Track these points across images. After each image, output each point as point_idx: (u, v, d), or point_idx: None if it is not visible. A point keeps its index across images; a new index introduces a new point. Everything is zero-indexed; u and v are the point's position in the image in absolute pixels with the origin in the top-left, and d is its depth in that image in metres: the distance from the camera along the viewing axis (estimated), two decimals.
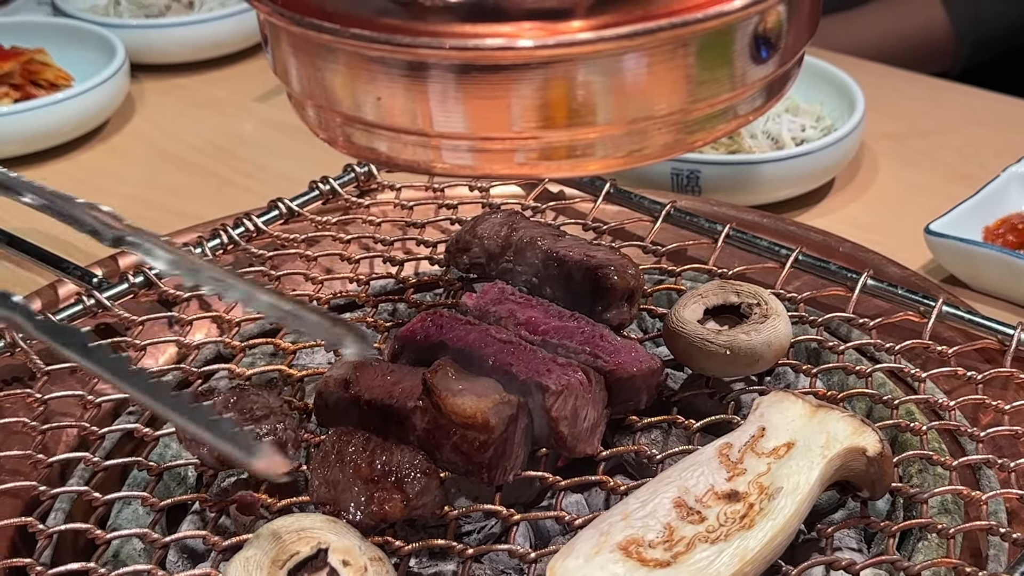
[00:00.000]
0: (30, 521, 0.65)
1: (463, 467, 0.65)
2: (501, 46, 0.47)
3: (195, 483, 0.75)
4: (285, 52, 0.52)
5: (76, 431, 0.74)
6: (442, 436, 0.64)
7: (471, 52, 0.47)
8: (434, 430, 0.65)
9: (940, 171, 1.17)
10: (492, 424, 0.63)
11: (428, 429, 0.65)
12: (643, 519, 0.59)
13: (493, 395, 0.65)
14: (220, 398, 0.69)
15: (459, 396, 0.64)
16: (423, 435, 0.65)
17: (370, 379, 0.70)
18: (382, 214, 0.95)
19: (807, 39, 0.53)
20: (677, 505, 0.60)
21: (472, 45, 0.47)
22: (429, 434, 0.65)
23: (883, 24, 1.59)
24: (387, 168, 0.96)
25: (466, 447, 0.64)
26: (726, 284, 0.77)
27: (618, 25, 0.46)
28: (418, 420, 0.65)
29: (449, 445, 0.64)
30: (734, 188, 1.05)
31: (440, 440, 0.65)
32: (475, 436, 0.63)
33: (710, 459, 0.63)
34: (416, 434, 0.66)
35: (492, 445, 0.64)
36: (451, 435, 0.64)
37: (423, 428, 0.65)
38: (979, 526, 0.64)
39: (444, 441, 0.64)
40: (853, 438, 0.62)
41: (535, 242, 0.80)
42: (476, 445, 0.64)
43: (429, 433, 0.65)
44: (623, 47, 0.47)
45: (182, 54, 1.40)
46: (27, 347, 0.78)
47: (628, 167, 0.51)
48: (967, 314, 0.79)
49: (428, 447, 0.65)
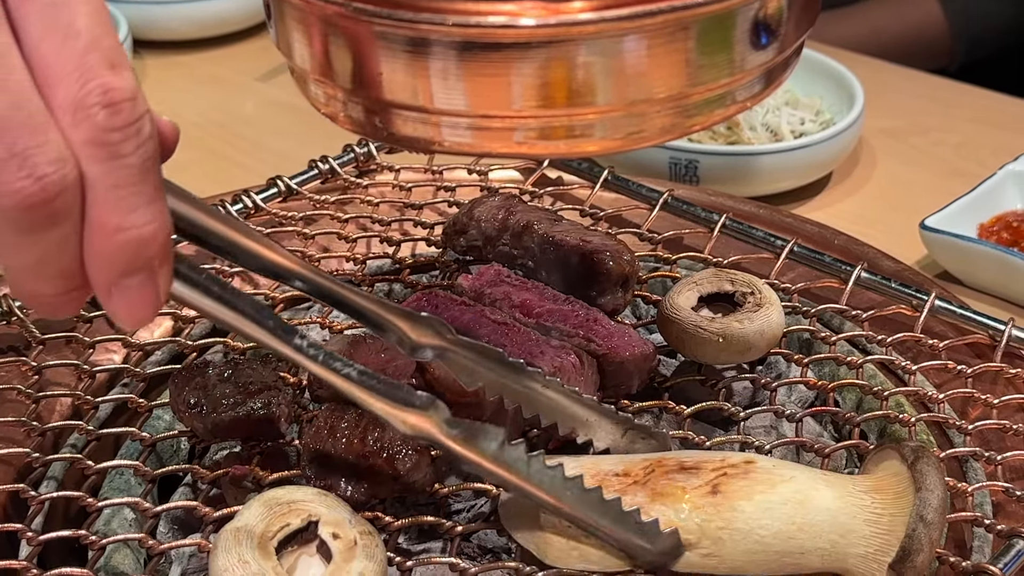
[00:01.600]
0: (22, 488, 0.66)
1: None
2: (503, 24, 0.47)
3: (187, 455, 0.76)
4: (288, 25, 0.53)
5: (70, 400, 0.74)
6: None
7: (473, 29, 0.47)
8: None
9: (937, 168, 1.17)
10: (484, 401, 0.63)
11: None
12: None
13: None
14: (215, 371, 0.69)
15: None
16: None
17: (364, 355, 0.70)
18: (380, 195, 0.95)
19: (807, 28, 0.54)
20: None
21: (474, 22, 0.47)
22: None
23: (880, 20, 1.60)
24: (387, 145, 0.97)
25: None
26: (721, 272, 0.77)
27: (620, 6, 0.47)
28: None
29: None
30: (732, 179, 1.05)
31: None
32: (467, 413, 0.64)
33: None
34: None
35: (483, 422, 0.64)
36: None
37: None
38: (964, 517, 0.64)
39: None
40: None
41: (532, 226, 0.81)
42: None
43: None
44: (624, 28, 0.47)
45: (185, 31, 1.40)
46: (23, 316, 0.78)
47: (626, 149, 0.52)
48: (959, 309, 0.80)
49: None
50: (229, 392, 0.68)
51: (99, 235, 0.44)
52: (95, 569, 0.61)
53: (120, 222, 0.44)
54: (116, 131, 0.43)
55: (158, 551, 0.62)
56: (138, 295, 0.46)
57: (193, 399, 0.68)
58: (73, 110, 0.43)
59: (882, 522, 0.58)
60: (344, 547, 0.57)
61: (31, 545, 0.62)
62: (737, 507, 0.57)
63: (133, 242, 0.45)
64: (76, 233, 0.44)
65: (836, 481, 0.60)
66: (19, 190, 0.42)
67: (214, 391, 0.68)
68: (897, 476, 0.59)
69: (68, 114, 0.43)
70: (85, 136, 0.43)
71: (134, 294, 0.46)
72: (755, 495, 0.58)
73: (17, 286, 0.46)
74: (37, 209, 0.42)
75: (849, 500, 0.58)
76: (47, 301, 0.46)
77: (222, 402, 0.67)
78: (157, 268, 0.46)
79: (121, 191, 0.44)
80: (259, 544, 0.57)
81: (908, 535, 0.56)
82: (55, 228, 0.43)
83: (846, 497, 0.58)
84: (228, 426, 0.67)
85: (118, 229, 0.44)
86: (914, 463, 0.58)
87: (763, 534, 0.57)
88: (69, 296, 0.46)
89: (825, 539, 0.58)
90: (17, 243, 0.44)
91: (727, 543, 0.57)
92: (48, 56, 0.43)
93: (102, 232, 0.44)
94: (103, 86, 0.43)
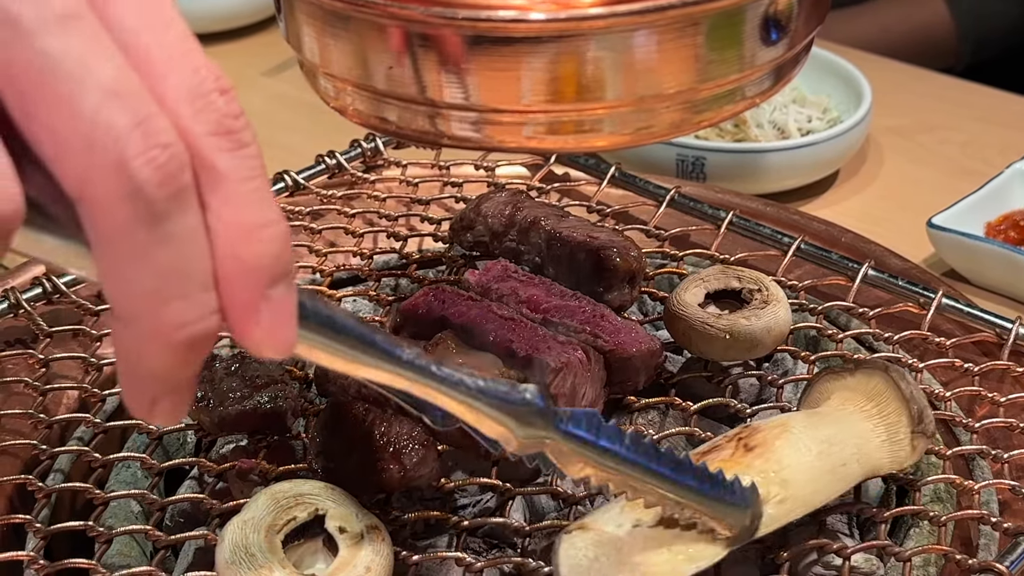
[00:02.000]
0: (29, 479, 0.66)
1: (461, 440, 0.65)
2: (513, 18, 0.47)
3: (194, 448, 0.76)
4: (298, 19, 0.53)
5: (77, 393, 0.75)
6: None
7: (483, 23, 0.47)
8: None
9: (944, 166, 1.17)
10: None
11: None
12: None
13: (492, 370, 0.65)
14: (222, 365, 0.69)
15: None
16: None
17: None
18: (387, 190, 0.95)
19: (817, 24, 0.54)
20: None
21: (484, 16, 0.47)
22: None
23: (887, 19, 1.60)
24: (394, 140, 0.97)
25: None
26: (728, 269, 0.77)
27: (630, 1, 0.47)
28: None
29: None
30: (739, 176, 1.05)
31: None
32: None
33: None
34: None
35: None
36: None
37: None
38: (971, 515, 0.64)
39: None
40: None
41: (539, 222, 0.81)
42: None
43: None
44: (634, 23, 0.47)
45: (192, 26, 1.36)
46: (30, 308, 0.78)
47: (635, 144, 0.52)
48: (966, 307, 0.80)
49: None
50: (236, 386, 0.68)
51: (239, 237, 0.38)
52: (101, 561, 0.61)
53: (261, 217, 0.38)
54: (237, 118, 0.39)
55: (164, 543, 0.62)
56: (288, 307, 0.39)
57: (200, 392, 0.68)
58: (191, 99, 0.38)
59: (873, 413, 0.63)
60: (351, 540, 0.57)
61: (38, 537, 0.62)
62: (776, 449, 0.59)
63: (279, 239, 0.39)
64: (204, 228, 0.38)
65: (816, 411, 0.64)
66: (153, 158, 0.36)
67: (221, 385, 0.68)
68: (847, 386, 0.64)
69: (186, 104, 0.38)
70: (210, 126, 0.38)
71: (284, 307, 0.39)
72: (778, 438, 0.60)
73: (143, 321, 0.37)
74: (170, 182, 0.36)
75: (838, 415, 0.63)
76: (182, 339, 0.37)
77: (229, 396, 0.67)
78: (294, 275, 0.40)
79: (255, 183, 0.39)
80: (266, 537, 0.57)
81: (909, 398, 0.62)
82: (188, 212, 0.37)
83: (834, 414, 0.63)
84: (235, 420, 0.67)
85: (262, 225, 0.38)
86: (857, 365, 0.65)
87: (809, 458, 0.59)
88: (206, 327, 0.38)
89: (851, 444, 0.61)
90: (148, 239, 0.36)
91: (791, 481, 0.58)
92: (151, 47, 0.38)
93: (241, 232, 0.38)
94: (214, 72, 0.39)
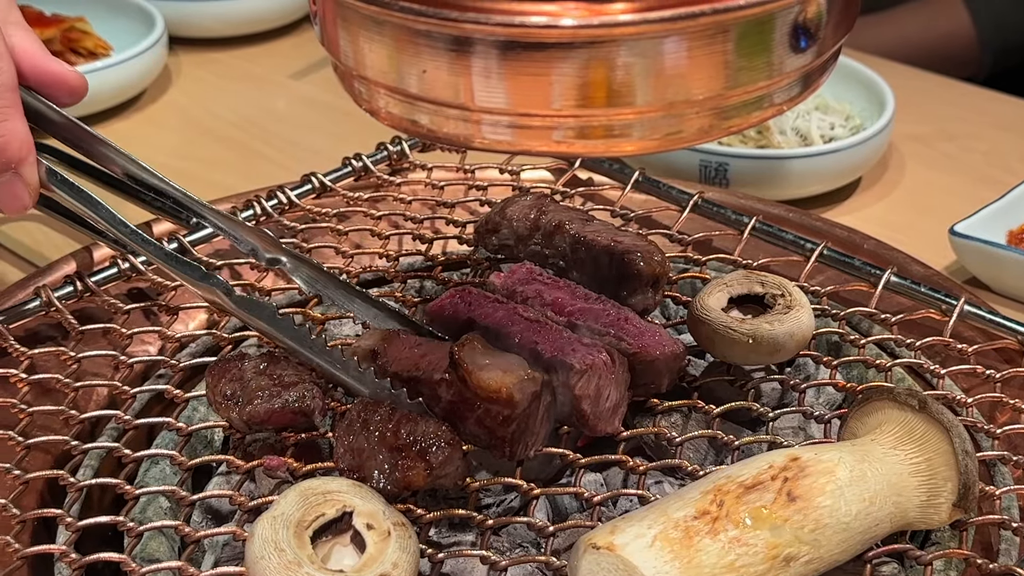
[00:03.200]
0: (61, 474, 0.67)
1: (486, 440, 0.66)
2: (545, 24, 0.48)
3: (221, 446, 0.77)
4: (333, 23, 0.54)
5: (107, 390, 0.76)
6: (466, 409, 0.66)
7: (516, 29, 0.48)
8: (459, 403, 0.66)
9: (966, 174, 1.17)
10: (516, 399, 0.64)
11: (453, 401, 0.66)
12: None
13: (518, 371, 0.66)
14: (250, 364, 0.70)
15: (485, 371, 0.65)
16: (447, 407, 0.67)
17: (397, 350, 0.71)
18: (413, 193, 0.96)
19: (845, 32, 0.54)
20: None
21: (517, 22, 0.48)
22: (453, 406, 0.66)
23: (909, 28, 1.60)
24: (420, 143, 0.98)
25: (489, 421, 0.65)
26: (751, 274, 0.78)
27: (661, 8, 0.47)
28: (443, 392, 0.67)
29: (473, 418, 0.66)
30: (762, 182, 1.06)
31: (464, 413, 0.66)
32: (499, 410, 0.65)
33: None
34: (440, 405, 0.67)
35: (515, 420, 0.65)
36: (475, 408, 0.65)
37: (448, 400, 0.66)
38: (992, 520, 0.65)
39: (468, 414, 0.66)
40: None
41: (563, 226, 0.81)
42: (499, 419, 0.65)
43: (453, 405, 0.66)
44: (665, 30, 0.48)
45: (219, 29, 1.42)
46: (62, 306, 0.79)
47: (663, 149, 0.52)
48: (988, 314, 0.80)
49: (452, 419, 0.66)
50: (264, 384, 0.69)
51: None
52: (131, 555, 0.62)
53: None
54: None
55: (194, 539, 0.63)
56: (9, 189, 0.69)
57: (229, 391, 0.69)
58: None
59: (923, 469, 0.61)
60: (378, 538, 0.58)
61: (69, 531, 0.63)
62: (818, 504, 0.59)
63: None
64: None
65: (866, 448, 0.62)
66: None
67: (249, 383, 0.69)
68: (906, 424, 0.62)
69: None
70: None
71: (6, 188, 0.69)
72: (826, 487, 0.59)
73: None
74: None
75: (888, 460, 0.61)
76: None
77: (257, 394, 0.68)
78: (19, 167, 0.68)
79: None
80: (295, 533, 0.57)
81: (963, 471, 0.60)
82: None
83: (884, 459, 0.61)
84: (263, 418, 0.68)
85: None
86: (924, 405, 0.62)
87: (847, 520, 0.59)
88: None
89: (890, 503, 0.60)
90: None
91: (822, 542, 0.58)
92: None
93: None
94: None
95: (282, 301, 0.85)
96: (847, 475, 0.60)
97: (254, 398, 0.68)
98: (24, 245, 1.01)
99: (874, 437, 0.63)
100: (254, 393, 0.68)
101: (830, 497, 0.59)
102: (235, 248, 0.81)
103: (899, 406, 0.63)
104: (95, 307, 0.81)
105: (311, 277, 0.79)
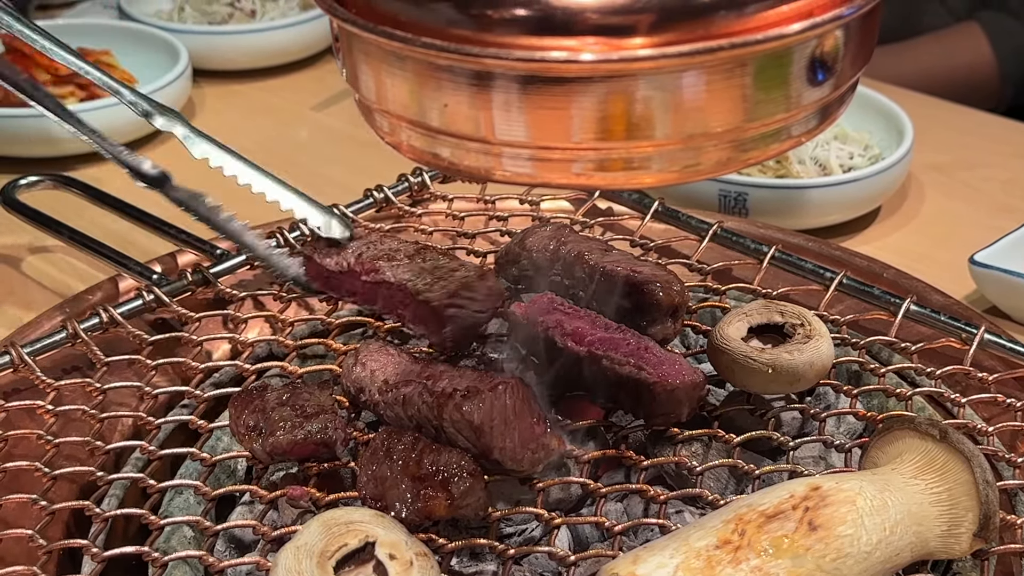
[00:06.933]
0: (87, 505, 0.67)
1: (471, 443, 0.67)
2: (565, 59, 0.48)
3: (244, 476, 0.77)
4: (356, 58, 0.54)
5: (132, 421, 0.76)
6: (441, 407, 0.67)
7: (536, 64, 0.49)
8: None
9: (985, 203, 1.18)
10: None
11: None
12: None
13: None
14: (273, 394, 0.71)
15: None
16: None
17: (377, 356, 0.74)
18: (433, 223, 0.97)
19: (863, 64, 0.55)
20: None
21: (537, 57, 0.49)
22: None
23: (929, 60, 1.60)
24: (441, 174, 0.99)
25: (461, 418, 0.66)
26: (770, 304, 0.78)
27: (679, 43, 0.48)
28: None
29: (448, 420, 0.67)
30: (781, 212, 1.06)
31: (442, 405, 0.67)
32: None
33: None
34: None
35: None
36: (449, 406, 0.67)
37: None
38: (1013, 549, 0.65)
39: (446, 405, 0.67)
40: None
41: (583, 256, 0.82)
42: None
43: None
44: (683, 64, 0.49)
45: (242, 61, 1.43)
46: (87, 338, 0.80)
47: (682, 181, 0.53)
48: (1008, 343, 0.80)
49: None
50: (287, 415, 0.69)
51: None
52: None
53: None
54: None
55: (218, 568, 0.63)
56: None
57: (252, 422, 0.70)
58: None
59: (943, 499, 0.61)
60: (401, 568, 0.59)
61: (95, 561, 0.63)
62: (839, 533, 0.59)
63: None
64: None
65: (887, 477, 0.62)
66: None
67: (272, 414, 0.70)
68: (927, 453, 0.62)
69: None
70: None
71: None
72: (847, 516, 0.59)
73: None
74: None
75: (909, 490, 0.61)
76: None
77: (280, 425, 0.69)
78: None
79: None
80: (318, 563, 0.58)
81: (984, 501, 0.60)
82: None
83: (905, 488, 0.61)
84: (286, 448, 0.69)
85: None
86: (945, 435, 0.62)
87: (868, 549, 0.59)
88: None
89: (911, 532, 0.60)
90: None
91: (844, 572, 0.58)
92: None
93: None
94: None
95: (304, 331, 0.85)
96: (868, 504, 0.60)
97: (276, 429, 0.68)
98: (49, 275, 1.02)
99: (895, 466, 0.63)
100: (276, 424, 0.69)
101: (851, 526, 0.59)
102: (258, 278, 0.82)
103: (920, 435, 0.63)
104: (120, 338, 0.82)
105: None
